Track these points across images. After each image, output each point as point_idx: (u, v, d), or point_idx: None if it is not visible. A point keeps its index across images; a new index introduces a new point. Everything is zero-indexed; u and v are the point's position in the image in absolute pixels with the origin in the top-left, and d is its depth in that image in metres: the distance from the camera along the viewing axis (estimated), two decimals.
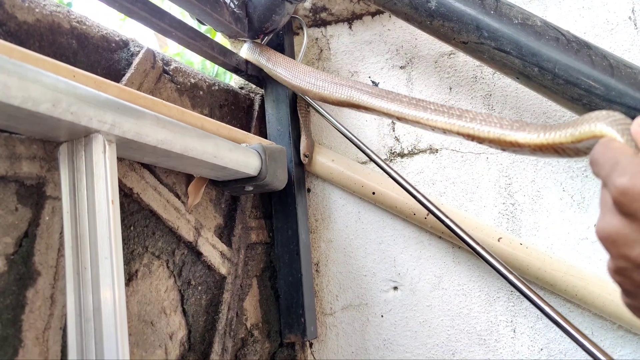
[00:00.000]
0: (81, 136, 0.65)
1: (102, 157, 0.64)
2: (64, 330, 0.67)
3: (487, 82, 1.17)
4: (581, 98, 0.91)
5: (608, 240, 0.47)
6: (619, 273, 0.48)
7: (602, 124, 0.54)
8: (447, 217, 0.95)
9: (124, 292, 0.64)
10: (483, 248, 0.92)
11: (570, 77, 0.91)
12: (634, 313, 0.51)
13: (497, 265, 0.90)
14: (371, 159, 1.01)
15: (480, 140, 0.75)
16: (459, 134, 0.78)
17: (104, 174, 0.63)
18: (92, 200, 0.63)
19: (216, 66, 2.07)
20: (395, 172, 0.98)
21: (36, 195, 0.66)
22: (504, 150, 0.73)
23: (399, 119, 0.88)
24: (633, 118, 0.86)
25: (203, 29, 1.52)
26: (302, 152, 1.19)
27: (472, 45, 0.97)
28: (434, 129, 0.81)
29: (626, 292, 0.50)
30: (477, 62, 1.14)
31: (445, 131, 0.80)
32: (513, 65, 0.95)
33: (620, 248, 0.46)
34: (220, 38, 1.60)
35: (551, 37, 0.92)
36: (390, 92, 0.92)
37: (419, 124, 0.84)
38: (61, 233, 0.67)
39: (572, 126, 0.59)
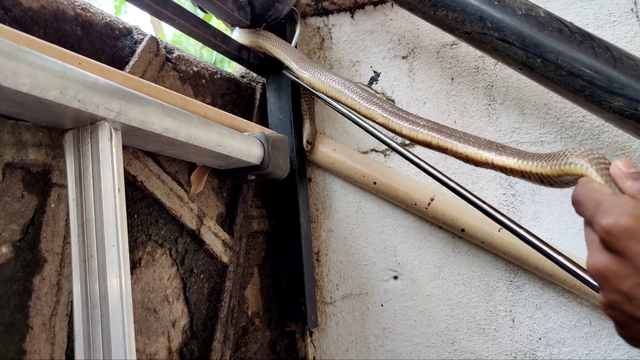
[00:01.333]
0: (87, 124, 0.65)
1: (109, 144, 0.64)
2: (70, 316, 0.67)
3: (489, 72, 1.17)
4: (583, 89, 0.91)
5: (599, 276, 0.50)
6: (610, 306, 0.50)
7: (583, 163, 0.56)
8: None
9: (129, 279, 0.64)
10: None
11: (573, 68, 0.91)
12: (628, 342, 0.53)
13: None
14: (388, 145, 1.00)
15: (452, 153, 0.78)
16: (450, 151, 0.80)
17: (111, 161, 0.64)
18: (99, 188, 0.64)
19: (215, 53, 2.06)
20: (415, 156, 0.97)
21: (42, 183, 0.66)
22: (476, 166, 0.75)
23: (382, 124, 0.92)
24: (636, 110, 0.87)
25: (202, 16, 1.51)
26: (305, 138, 1.20)
27: (476, 36, 0.97)
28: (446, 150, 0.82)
29: (619, 324, 0.52)
30: (479, 53, 1.14)
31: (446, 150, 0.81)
32: (516, 56, 0.95)
33: (611, 283, 0.49)
34: (215, 23, 1.60)
35: (554, 28, 0.92)
36: (372, 96, 0.94)
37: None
38: (67, 220, 0.67)
39: (556, 159, 0.61)
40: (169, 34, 4.06)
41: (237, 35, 1.14)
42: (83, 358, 0.63)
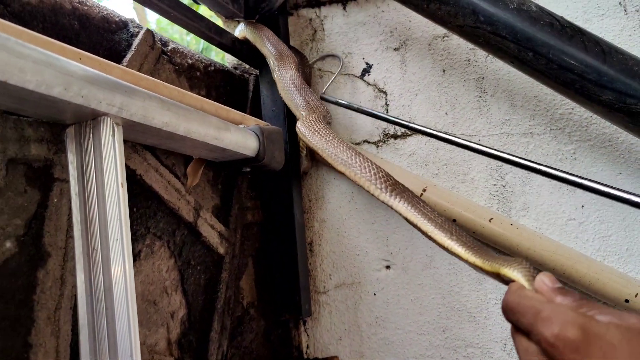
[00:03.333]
0: (89, 119, 0.65)
1: (111, 139, 0.64)
2: (74, 309, 0.68)
3: (480, 65, 1.19)
4: (574, 83, 0.93)
5: None
6: None
7: (515, 269, 0.57)
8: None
9: (132, 272, 0.65)
10: None
11: (563, 62, 0.93)
12: None
13: None
14: (409, 127, 1.00)
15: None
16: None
17: (113, 157, 0.64)
18: (102, 183, 0.64)
19: (202, 41, 2.05)
20: (444, 133, 0.98)
21: (44, 178, 0.66)
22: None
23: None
24: (625, 104, 0.89)
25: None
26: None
27: (468, 29, 0.99)
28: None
29: None
30: (471, 45, 1.15)
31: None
32: (508, 49, 0.97)
33: None
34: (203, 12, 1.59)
35: (546, 22, 0.94)
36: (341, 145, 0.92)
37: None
38: (69, 215, 0.68)
39: (495, 260, 0.64)
40: (153, 21, 4.03)
41: (240, 30, 1.16)
42: (88, 350, 0.64)
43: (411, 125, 1.01)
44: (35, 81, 0.52)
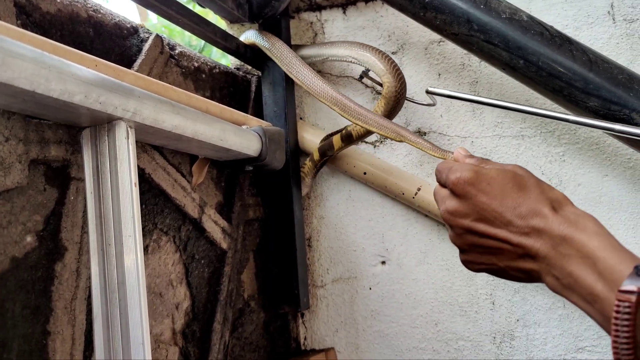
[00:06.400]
0: (104, 122, 0.70)
1: (125, 142, 0.69)
2: (88, 300, 0.73)
3: (474, 69, 1.23)
4: (562, 90, 0.98)
5: (450, 215, 0.68)
6: (456, 238, 0.69)
7: (444, 154, 0.87)
8: None
9: (143, 265, 0.70)
10: None
11: (552, 70, 0.98)
12: (467, 267, 0.71)
13: None
14: (471, 100, 1.02)
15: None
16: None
17: (127, 158, 0.69)
18: (116, 183, 0.69)
19: (202, 41, 2.08)
20: (535, 106, 1.03)
21: (62, 177, 0.71)
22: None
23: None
24: (609, 110, 0.94)
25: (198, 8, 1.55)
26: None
27: (463, 37, 1.03)
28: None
29: (462, 250, 0.70)
30: (465, 51, 1.20)
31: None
32: (500, 57, 1.01)
33: (457, 219, 0.67)
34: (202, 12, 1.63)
35: (536, 31, 0.99)
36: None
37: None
38: (84, 212, 0.73)
39: (439, 150, 0.90)
40: (154, 19, 4.05)
41: (247, 36, 1.20)
42: (102, 338, 0.68)
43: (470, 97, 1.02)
44: (59, 90, 0.57)
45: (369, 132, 1.13)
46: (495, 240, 0.64)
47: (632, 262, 0.53)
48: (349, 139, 1.18)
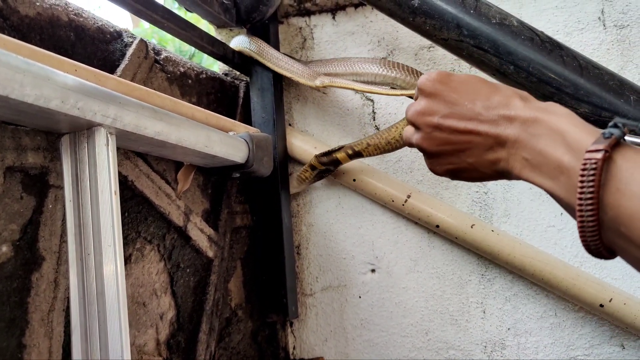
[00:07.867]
0: (84, 129, 0.68)
1: (105, 149, 0.67)
2: (67, 312, 0.70)
3: None
4: (552, 96, 0.97)
5: (419, 115, 0.66)
6: (424, 139, 0.66)
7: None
8: None
9: (124, 276, 0.68)
10: None
11: (543, 75, 0.97)
12: (432, 170, 0.69)
13: None
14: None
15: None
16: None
17: (107, 165, 0.67)
18: (96, 191, 0.67)
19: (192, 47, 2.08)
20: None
21: (40, 184, 0.69)
22: None
23: None
24: (600, 117, 0.93)
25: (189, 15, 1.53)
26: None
27: (452, 43, 1.02)
28: None
29: (429, 155, 0.68)
30: (456, 57, 1.18)
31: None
32: (490, 62, 1.00)
33: (426, 117, 0.65)
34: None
35: (526, 37, 0.98)
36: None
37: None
38: (63, 220, 0.71)
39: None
40: (147, 24, 4.04)
41: (236, 43, 1.19)
42: (80, 351, 0.66)
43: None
44: (34, 95, 0.55)
45: (380, 150, 1.11)
46: (464, 135, 0.63)
47: (599, 135, 0.53)
48: (358, 155, 1.15)
